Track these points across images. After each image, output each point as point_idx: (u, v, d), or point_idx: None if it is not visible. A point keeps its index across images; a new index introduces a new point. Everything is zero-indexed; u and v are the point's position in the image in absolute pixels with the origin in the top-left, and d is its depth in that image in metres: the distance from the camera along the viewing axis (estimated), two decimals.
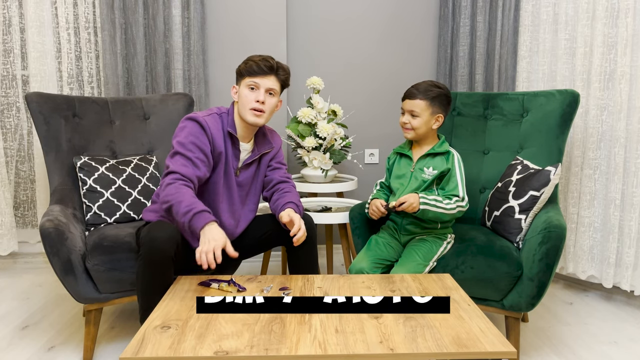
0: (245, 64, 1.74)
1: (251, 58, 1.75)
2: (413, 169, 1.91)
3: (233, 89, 1.80)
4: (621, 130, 2.30)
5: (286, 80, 1.80)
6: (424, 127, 1.87)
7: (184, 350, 1.14)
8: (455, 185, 1.83)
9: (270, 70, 1.73)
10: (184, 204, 1.55)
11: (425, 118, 1.85)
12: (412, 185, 1.88)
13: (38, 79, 2.62)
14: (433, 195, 1.80)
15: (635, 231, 2.29)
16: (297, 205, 1.79)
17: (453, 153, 1.89)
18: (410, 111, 1.86)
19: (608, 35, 2.34)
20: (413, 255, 1.82)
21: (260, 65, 1.71)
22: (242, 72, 1.75)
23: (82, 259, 1.80)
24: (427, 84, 1.86)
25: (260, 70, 1.72)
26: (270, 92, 1.75)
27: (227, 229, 1.81)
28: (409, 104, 1.86)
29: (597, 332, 2.14)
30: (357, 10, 2.96)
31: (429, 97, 1.84)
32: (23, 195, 2.88)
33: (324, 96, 2.98)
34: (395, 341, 1.19)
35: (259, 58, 1.74)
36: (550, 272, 1.72)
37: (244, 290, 1.50)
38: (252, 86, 1.73)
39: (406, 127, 1.88)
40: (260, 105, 1.73)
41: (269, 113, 1.76)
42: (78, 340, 2.04)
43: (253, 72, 1.72)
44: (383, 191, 2.04)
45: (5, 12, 2.67)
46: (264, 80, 1.73)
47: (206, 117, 1.74)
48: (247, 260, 2.96)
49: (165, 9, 2.66)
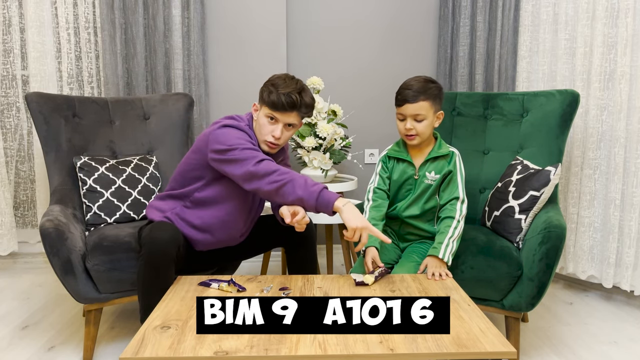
0: (269, 92, 1.63)
1: (276, 86, 1.62)
2: (417, 176, 1.81)
3: (254, 106, 1.72)
4: (621, 130, 2.30)
5: (308, 115, 1.71)
6: (429, 130, 1.74)
7: (184, 350, 1.14)
8: (456, 187, 1.78)
9: (292, 108, 1.63)
10: (309, 180, 1.54)
11: (430, 119, 1.73)
12: (417, 192, 1.81)
13: (38, 79, 2.62)
14: (439, 238, 1.72)
15: (635, 231, 2.29)
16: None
17: (455, 153, 1.82)
18: (414, 115, 1.71)
19: (608, 35, 2.34)
20: (412, 256, 1.81)
21: (281, 100, 1.60)
22: (264, 99, 1.65)
23: (82, 259, 1.80)
24: (420, 82, 1.72)
25: (281, 106, 1.62)
26: (289, 124, 1.68)
27: (235, 235, 1.80)
28: (411, 108, 1.70)
29: (597, 332, 2.14)
30: (358, 12, 2.96)
31: (431, 96, 1.71)
32: (23, 195, 2.88)
33: (324, 96, 2.97)
34: (395, 341, 1.19)
35: (284, 91, 1.61)
36: (550, 272, 1.72)
37: (243, 290, 1.50)
38: (271, 116, 1.65)
39: (411, 133, 1.73)
40: (276, 140, 1.67)
41: (283, 143, 1.71)
42: (78, 340, 2.04)
43: (273, 106, 1.62)
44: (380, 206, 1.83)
45: (5, 12, 2.67)
46: (283, 116, 1.64)
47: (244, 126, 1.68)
48: (247, 260, 2.96)
49: (165, 9, 2.66)
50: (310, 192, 1.52)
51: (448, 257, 1.69)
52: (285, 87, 1.62)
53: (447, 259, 1.68)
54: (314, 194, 1.52)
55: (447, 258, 1.69)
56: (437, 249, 1.70)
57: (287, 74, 1.69)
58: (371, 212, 1.81)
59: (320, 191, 1.52)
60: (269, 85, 1.65)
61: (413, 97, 1.70)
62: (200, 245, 1.76)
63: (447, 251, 1.69)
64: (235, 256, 1.91)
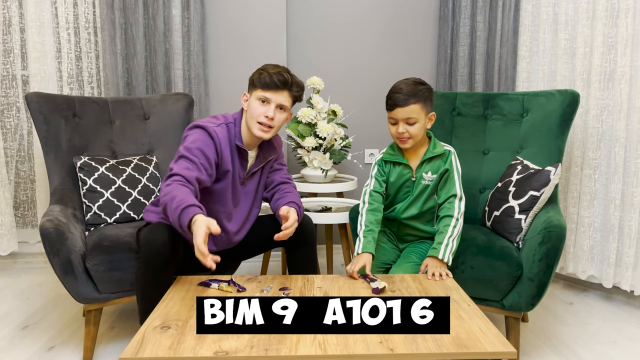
0: (260, 74, 1.66)
1: (265, 69, 1.67)
2: (415, 178, 1.81)
3: (244, 96, 1.74)
4: (621, 130, 2.30)
5: (299, 97, 1.72)
6: (421, 132, 1.74)
7: (183, 351, 1.14)
8: (453, 185, 1.78)
9: (283, 85, 1.65)
10: (176, 200, 1.49)
11: (422, 122, 1.72)
12: (415, 194, 1.81)
13: (38, 79, 2.61)
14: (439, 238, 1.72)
15: (635, 231, 2.29)
16: (298, 205, 1.77)
17: (450, 151, 1.81)
18: (405, 119, 1.70)
19: (608, 35, 2.34)
20: (410, 256, 1.81)
21: (273, 79, 1.64)
22: (255, 82, 1.68)
23: (82, 259, 1.80)
24: (409, 86, 1.70)
25: (273, 85, 1.64)
26: (280, 107, 1.69)
27: (231, 235, 1.81)
28: (402, 112, 1.69)
29: (597, 332, 2.14)
30: (357, 11, 2.96)
31: (422, 99, 1.70)
32: (23, 195, 2.88)
33: (324, 96, 2.97)
34: (395, 341, 1.19)
35: (274, 70, 1.65)
36: (550, 272, 1.72)
37: (243, 290, 1.50)
38: (262, 99, 1.67)
39: (403, 137, 1.73)
40: (269, 121, 1.66)
41: (276, 129, 1.71)
42: (78, 340, 2.04)
43: (265, 86, 1.65)
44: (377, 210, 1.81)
45: (5, 12, 2.67)
46: (275, 95, 1.66)
47: (216, 127, 1.68)
48: (247, 260, 2.96)
49: (165, 9, 2.66)
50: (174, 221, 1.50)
51: (448, 257, 1.69)
52: (274, 68, 1.67)
53: (447, 259, 1.68)
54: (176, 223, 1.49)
55: (447, 258, 1.69)
56: (436, 249, 1.70)
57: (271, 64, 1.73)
58: (367, 215, 1.80)
59: (178, 218, 1.47)
60: (258, 70, 1.69)
61: (404, 101, 1.69)
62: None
63: (447, 251, 1.69)
64: (235, 256, 1.91)
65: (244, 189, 1.81)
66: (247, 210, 1.85)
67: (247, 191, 1.83)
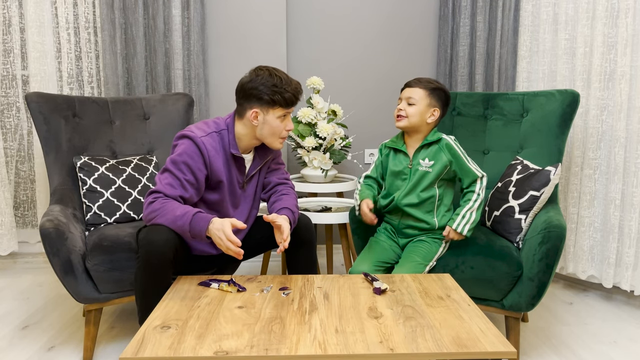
0: (281, 95, 1.64)
1: (286, 89, 1.64)
2: (411, 165, 1.88)
3: (253, 112, 1.65)
4: (621, 130, 2.30)
5: None
6: (417, 117, 1.83)
7: (184, 350, 1.14)
8: (469, 169, 1.85)
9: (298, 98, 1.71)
10: (179, 210, 1.54)
11: (421, 108, 1.83)
12: (413, 181, 1.86)
13: (38, 79, 2.62)
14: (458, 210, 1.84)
15: (635, 231, 2.29)
16: (292, 211, 1.74)
17: (447, 140, 1.85)
18: (407, 98, 1.85)
19: (608, 35, 2.34)
20: (412, 256, 1.82)
21: (297, 97, 1.69)
22: (275, 102, 1.64)
23: (82, 259, 1.80)
24: (428, 79, 1.88)
25: (295, 101, 1.69)
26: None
27: None
28: (407, 91, 1.86)
29: (597, 332, 2.14)
30: (358, 11, 2.96)
31: (429, 88, 1.84)
32: (23, 195, 2.88)
33: (324, 96, 2.98)
34: (395, 341, 1.19)
35: (294, 90, 1.67)
36: (550, 272, 1.72)
37: (244, 290, 1.50)
38: (284, 115, 1.69)
39: (400, 113, 1.85)
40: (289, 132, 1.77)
41: None
42: (78, 340, 2.04)
43: (290, 104, 1.68)
44: (371, 186, 1.98)
45: (5, 12, 2.67)
46: (291, 108, 1.72)
47: (204, 137, 1.64)
48: (247, 260, 2.96)
49: (165, 9, 2.66)
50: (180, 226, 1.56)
51: (462, 227, 1.81)
52: (286, 83, 1.66)
53: (460, 229, 1.81)
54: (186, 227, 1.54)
55: (461, 228, 1.81)
56: (453, 219, 1.84)
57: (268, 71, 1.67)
58: (362, 187, 1.97)
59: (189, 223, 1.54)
60: (269, 88, 1.63)
61: (412, 84, 1.87)
62: (195, 250, 1.77)
63: (462, 222, 1.82)
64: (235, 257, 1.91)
65: (243, 193, 1.81)
66: (247, 213, 1.85)
67: (247, 194, 1.83)
